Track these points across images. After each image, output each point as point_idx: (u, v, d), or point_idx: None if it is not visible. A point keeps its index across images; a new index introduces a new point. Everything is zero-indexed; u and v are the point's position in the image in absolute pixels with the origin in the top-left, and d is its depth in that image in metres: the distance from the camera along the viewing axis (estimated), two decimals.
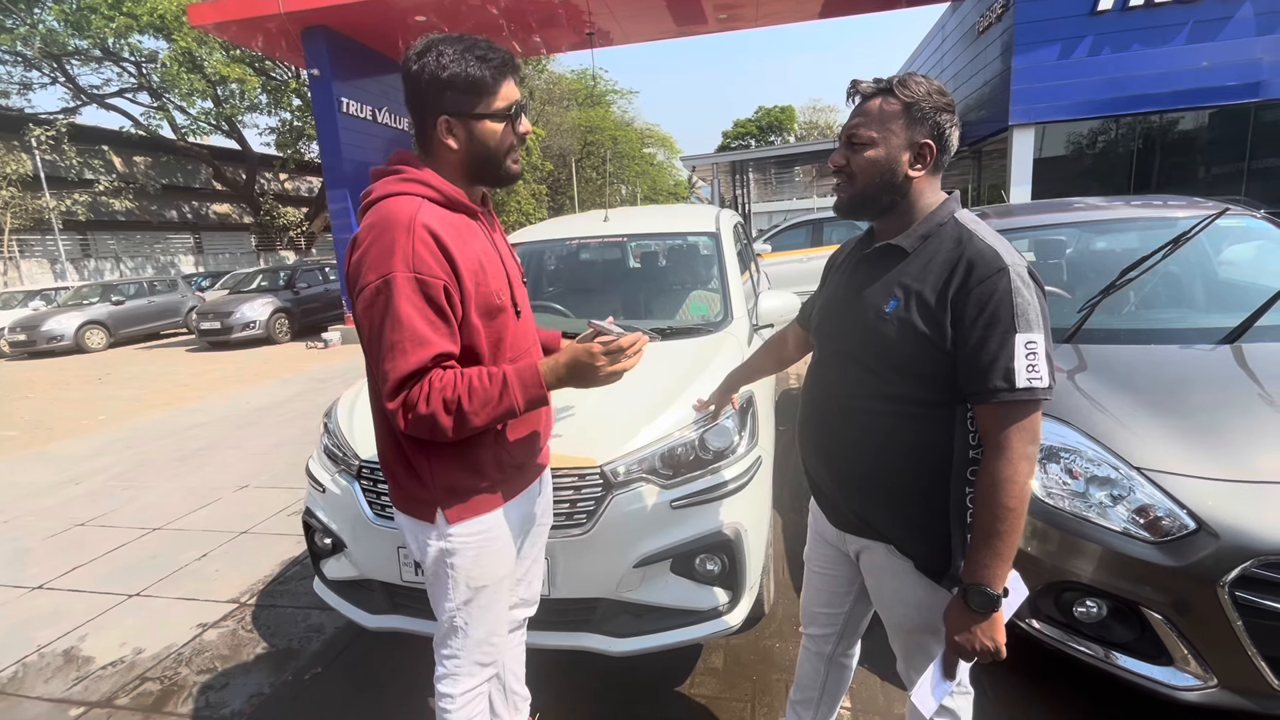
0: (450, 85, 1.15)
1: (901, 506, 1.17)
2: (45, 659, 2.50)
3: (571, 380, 1.20)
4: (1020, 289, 1.03)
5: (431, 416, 1.10)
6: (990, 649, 1.07)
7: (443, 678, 1.36)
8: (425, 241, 1.10)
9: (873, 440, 1.17)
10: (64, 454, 5.53)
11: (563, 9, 10.49)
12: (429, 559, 1.29)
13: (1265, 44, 11.17)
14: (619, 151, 33.27)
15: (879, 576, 1.27)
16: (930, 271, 1.10)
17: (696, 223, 3.35)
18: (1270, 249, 2.73)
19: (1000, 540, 1.03)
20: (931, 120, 1.11)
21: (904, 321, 1.10)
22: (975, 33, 14.07)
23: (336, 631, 2.51)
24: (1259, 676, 1.51)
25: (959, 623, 1.08)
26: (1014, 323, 1.01)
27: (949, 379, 1.08)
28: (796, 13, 11.72)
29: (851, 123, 1.15)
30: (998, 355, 1.01)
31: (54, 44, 16.87)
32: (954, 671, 1.13)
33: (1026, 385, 1.00)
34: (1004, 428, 1.02)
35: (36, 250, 22.83)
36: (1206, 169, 12.58)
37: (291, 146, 19.49)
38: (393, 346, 1.09)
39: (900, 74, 1.13)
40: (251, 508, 3.89)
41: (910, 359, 1.11)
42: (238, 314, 11.89)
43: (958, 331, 1.05)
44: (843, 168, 1.17)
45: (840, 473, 1.26)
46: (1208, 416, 1.79)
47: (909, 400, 1.13)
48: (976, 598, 1.05)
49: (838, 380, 1.24)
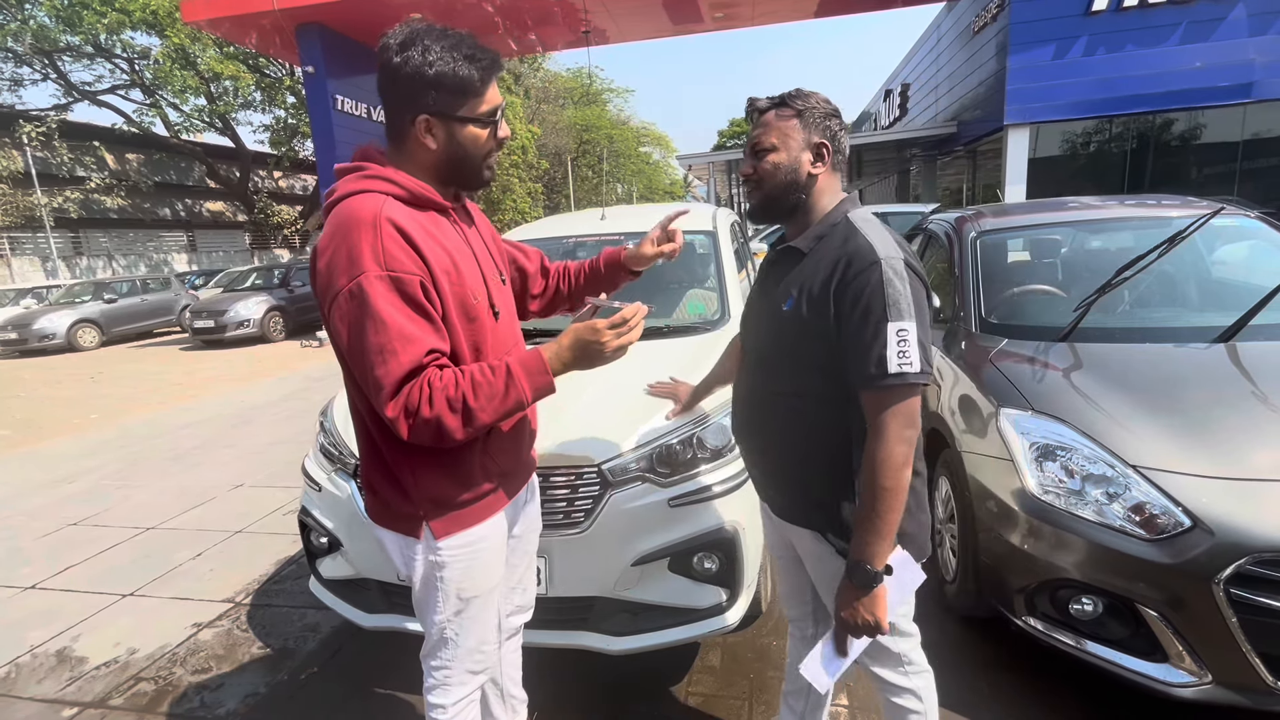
0: (436, 84, 1.08)
1: (817, 496, 1.24)
2: (38, 659, 2.48)
3: (577, 362, 1.15)
4: (892, 280, 1.09)
5: (437, 419, 1.04)
6: (870, 623, 1.12)
7: (433, 688, 1.33)
8: (393, 237, 1.04)
9: (788, 433, 1.26)
10: (56, 453, 5.49)
11: (559, 7, 10.46)
12: (417, 573, 1.24)
13: (1258, 45, 11.24)
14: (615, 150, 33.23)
15: (810, 562, 1.35)
16: (820, 269, 1.17)
17: (693, 221, 3.35)
18: (1264, 248, 2.75)
19: (879, 519, 1.09)
20: (823, 124, 1.22)
21: (798, 317, 1.18)
22: (970, 33, 14.11)
23: (332, 631, 2.50)
24: (1253, 673, 1.52)
25: (843, 599, 1.14)
26: (886, 312, 1.07)
27: (840, 371, 1.15)
28: (792, 11, 11.72)
29: (754, 134, 1.25)
30: (872, 344, 1.07)
31: (45, 40, 16.74)
32: (845, 648, 1.17)
33: (898, 370, 1.05)
34: (881, 412, 1.08)
35: (28, 248, 22.65)
36: (1200, 169, 12.66)
37: (286, 144, 19.42)
38: (380, 350, 1.03)
39: (792, 90, 1.25)
40: (246, 507, 3.87)
41: (805, 351, 1.19)
42: (232, 312, 11.81)
43: (839, 323, 1.12)
44: (750, 175, 1.26)
45: (766, 465, 1.35)
46: (1203, 415, 1.80)
47: (813, 394, 1.21)
48: (857, 574, 1.11)
49: (755, 377, 1.34)
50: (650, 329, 2.63)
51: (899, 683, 1.32)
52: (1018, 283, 2.85)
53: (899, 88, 21.63)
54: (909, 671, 1.32)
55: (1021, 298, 2.76)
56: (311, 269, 1.11)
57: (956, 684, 1.97)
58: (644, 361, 2.33)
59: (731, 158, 20.92)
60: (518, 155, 22.13)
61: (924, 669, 1.34)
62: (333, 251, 1.05)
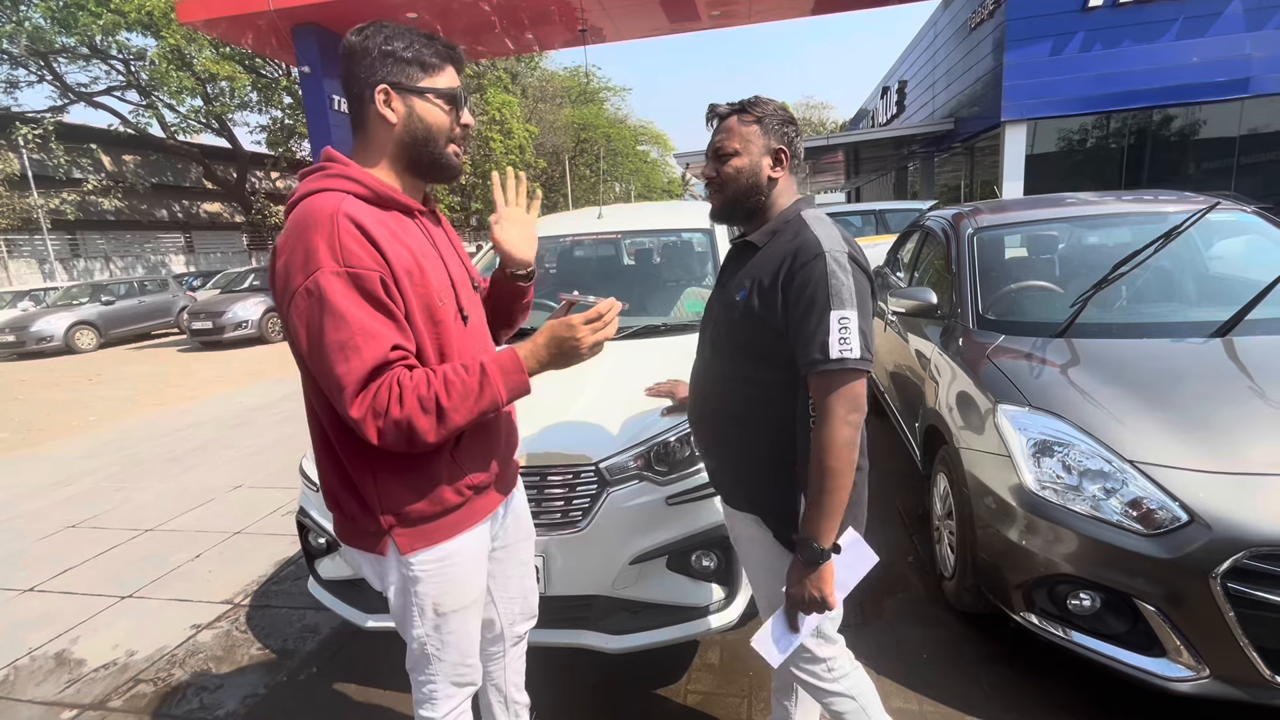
0: (394, 55, 1.08)
1: (760, 482, 1.30)
2: (37, 662, 2.48)
3: (554, 360, 1.12)
4: (835, 271, 1.14)
5: (408, 420, 1.00)
6: (818, 599, 1.17)
7: (421, 702, 1.31)
8: (351, 233, 1.00)
9: (734, 419, 1.31)
10: (55, 455, 5.48)
11: (555, 5, 10.44)
12: (392, 589, 1.21)
13: (1254, 40, 11.25)
14: (612, 149, 33.22)
15: (746, 547, 1.41)
16: (770, 261, 1.23)
17: (690, 219, 3.35)
18: (1260, 243, 2.75)
19: (826, 497, 1.14)
20: (780, 131, 1.28)
21: (749, 307, 1.23)
22: (967, 29, 14.11)
23: (332, 631, 2.50)
24: (1251, 667, 1.52)
25: (792, 575, 1.20)
26: (829, 301, 1.13)
27: (788, 359, 1.19)
28: (789, 9, 11.70)
29: (716, 139, 1.30)
30: (815, 331, 1.13)
31: (41, 41, 16.68)
32: (796, 623, 1.23)
33: (838, 356, 1.11)
34: (826, 396, 1.13)
35: (25, 250, 22.60)
36: (1197, 164, 12.67)
37: (283, 145, 19.37)
38: (341, 347, 0.98)
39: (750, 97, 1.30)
40: (245, 508, 3.87)
41: (755, 341, 1.24)
42: (230, 313, 11.80)
43: (786, 312, 1.18)
44: (713, 179, 1.31)
45: (714, 451, 1.41)
46: (1200, 410, 1.80)
47: (759, 381, 1.26)
48: (805, 551, 1.17)
49: (708, 366, 1.40)
50: (648, 327, 2.63)
51: (825, 687, 1.35)
52: (1015, 279, 2.85)
53: (896, 85, 21.63)
54: (834, 676, 1.34)
55: (1019, 294, 2.76)
56: (270, 269, 1.08)
57: (955, 680, 1.98)
58: (641, 360, 2.33)
59: None
60: (515, 155, 22.11)
61: (847, 671, 1.35)
62: (290, 250, 1.01)
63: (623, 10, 10.91)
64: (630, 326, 2.60)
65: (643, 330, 2.61)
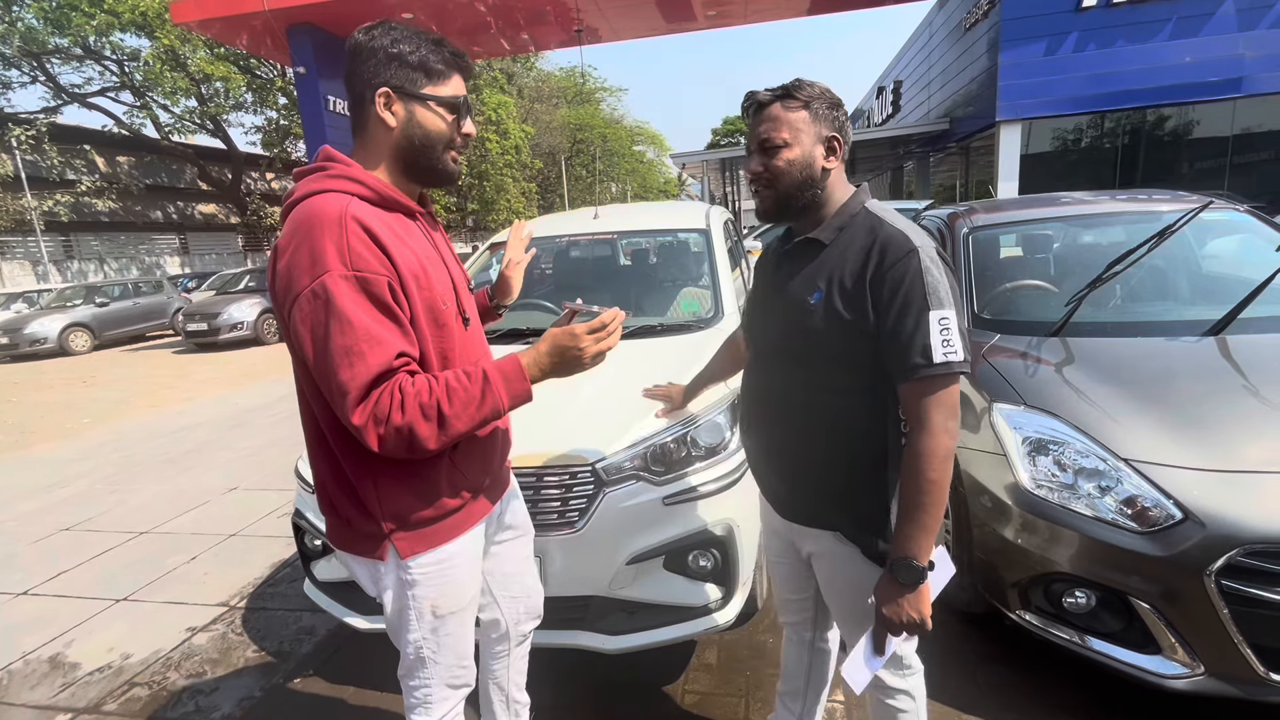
0: (399, 59, 1.06)
1: (844, 494, 1.21)
2: (31, 665, 2.47)
3: (556, 369, 1.11)
4: (930, 268, 1.07)
5: (409, 427, 0.98)
6: (916, 621, 1.10)
7: (414, 708, 1.29)
8: (359, 236, 0.99)
9: (812, 431, 1.21)
10: (49, 458, 5.46)
11: (551, 6, 10.44)
12: (388, 594, 1.19)
13: (1246, 40, 11.30)
14: (609, 149, 33.22)
15: (828, 565, 1.30)
16: (848, 260, 1.14)
17: (687, 219, 3.35)
18: (1253, 242, 2.76)
19: (924, 513, 1.07)
20: (830, 116, 1.17)
21: (831, 311, 1.14)
22: (962, 29, 14.15)
23: (328, 633, 2.49)
24: (1245, 664, 1.53)
25: (887, 597, 1.12)
26: (926, 300, 1.05)
27: (875, 363, 1.12)
28: (785, 9, 11.72)
29: (761, 130, 1.18)
30: (914, 333, 1.05)
31: (33, 42, 16.59)
32: (883, 646, 1.15)
33: (943, 360, 1.04)
34: (924, 403, 1.06)
35: (18, 252, 22.48)
36: (1190, 163, 12.73)
37: (278, 145, 19.30)
38: (346, 352, 0.97)
39: (792, 80, 1.18)
40: (241, 510, 3.86)
41: (838, 346, 1.15)
42: (225, 315, 11.76)
43: (877, 314, 1.09)
44: (760, 174, 1.19)
45: (785, 466, 1.29)
46: (1194, 408, 1.81)
47: (840, 389, 1.17)
48: (903, 571, 1.08)
49: (773, 375, 1.28)
50: (644, 328, 2.63)
51: (895, 684, 1.30)
52: (1010, 278, 2.86)
53: (891, 85, 21.68)
54: (906, 673, 1.30)
55: (1014, 293, 2.77)
56: (270, 270, 1.05)
57: (952, 679, 1.98)
58: (638, 361, 2.33)
59: (725, 156, 20.92)
60: (511, 155, 22.08)
61: (918, 668, 1.32)
62: (293, 251, 0.99)
63: (618, 10, 10.91)
64: (627, 327, 2.59)
65: (639, 330, 2.61)
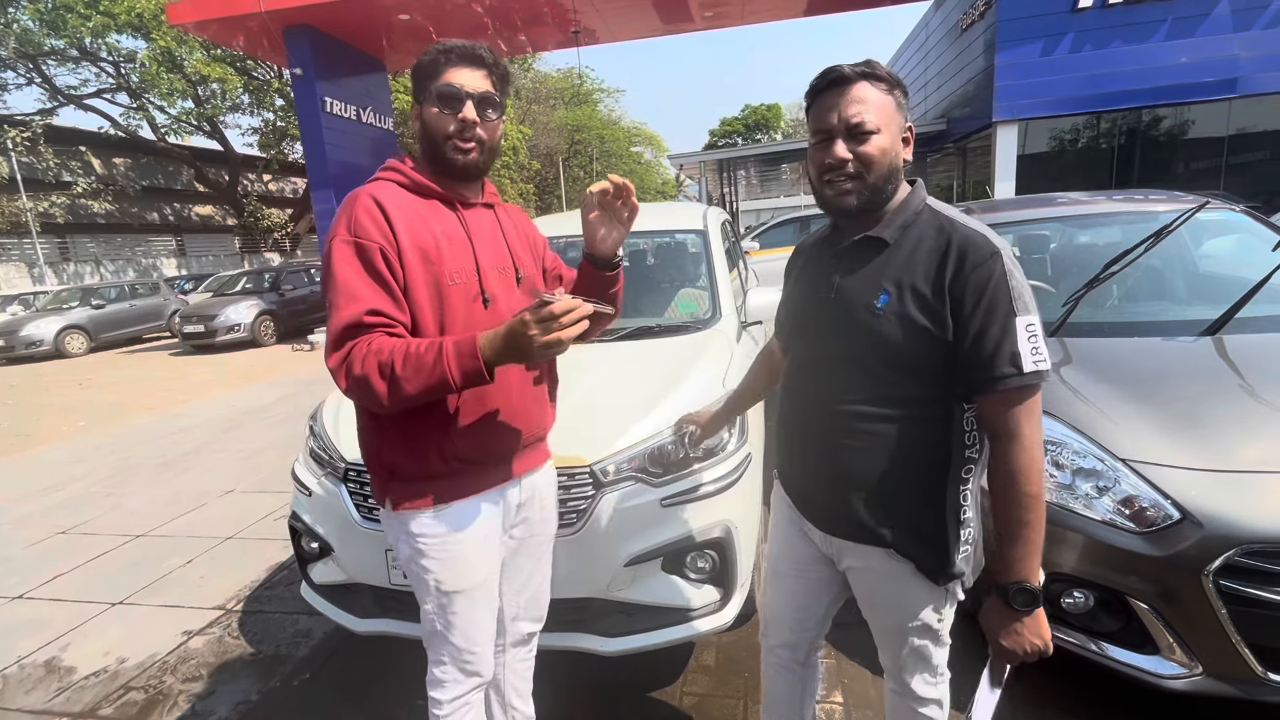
0: (414, 73, 1.25)
1: (903, 510, 1.13)
2: (26, 670, 2.45)
3: (509, 353, 1.09)
4: (1013, 271, 1.01)
5: (365, 378, 1.10)
6: (1040, 647, 1.03)
7: (432, 683, 1.35)
8: (368, 209, 1.16)
9: (871, 443, 1.12)
10: (44, 460, 5.43)
11: (548, 7, 10.44)
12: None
13: (1241, 40, 11.34)
14: (606, 150, 33.24)
15: (875, 581, 1.21)
16: (918, 262, 1.06)
17: (684, 220, 3.35)
18: (1249, 242, 2.77)
19: (1032, 530, 1.01)
20: (907, 105, 1.10)
21: (901, 316, 1.05)
22: (958, 30, 14.17)
23: (325, 636, 2.48)
24: (1243, 663, 1.53)
25: (1003, 625, 1.04)
26: (1013, 306, 0.99)
27: (947, 374, 1.05)
28: (782, 10, 11.75)
29: (850, 111, 1.04)
30: (1001, 341, 0.99)
31: (29, 44, 16.53)
32: (1001, 679, 1.08)
33: (1034, 369, 0.98)
34: (1015, 414, 1.00)
35: (14, 254, 22.41)
36: (1186, 164, 12.76)
37: (275, 147, 19.25)
38: (331, 304, 1.15)
39: (867, 60, 1.08)
40: (237, 512, 3.84)
41: (909, 354, 1.06)
42: (222, 317, 11.74)
43: (957, 321, 1.02)
44: (845, 163, 1.06)
45: (835, 480, 1.18)
46: (1191, 408, 1.81)
47: (907, 400, 1.09)
48: (1019, 596, 1.01)
49: (829, 384, 1.17)
50: (642, 328, 2.63)
51: (928, 694, 1.25)
52: None
53: None
54: (938, 681, 1.26)
55: None
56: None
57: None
58: (636, 361, 2.33)
59: (723, 157, 20.94)
60: (508, 156, 22.07)
61: (947, 675, 1.29)
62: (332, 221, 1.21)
63: (615, 11, 10.92)
64: (624, 327, 2.59)
65: (637, 331, 2.61)
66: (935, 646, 1.22)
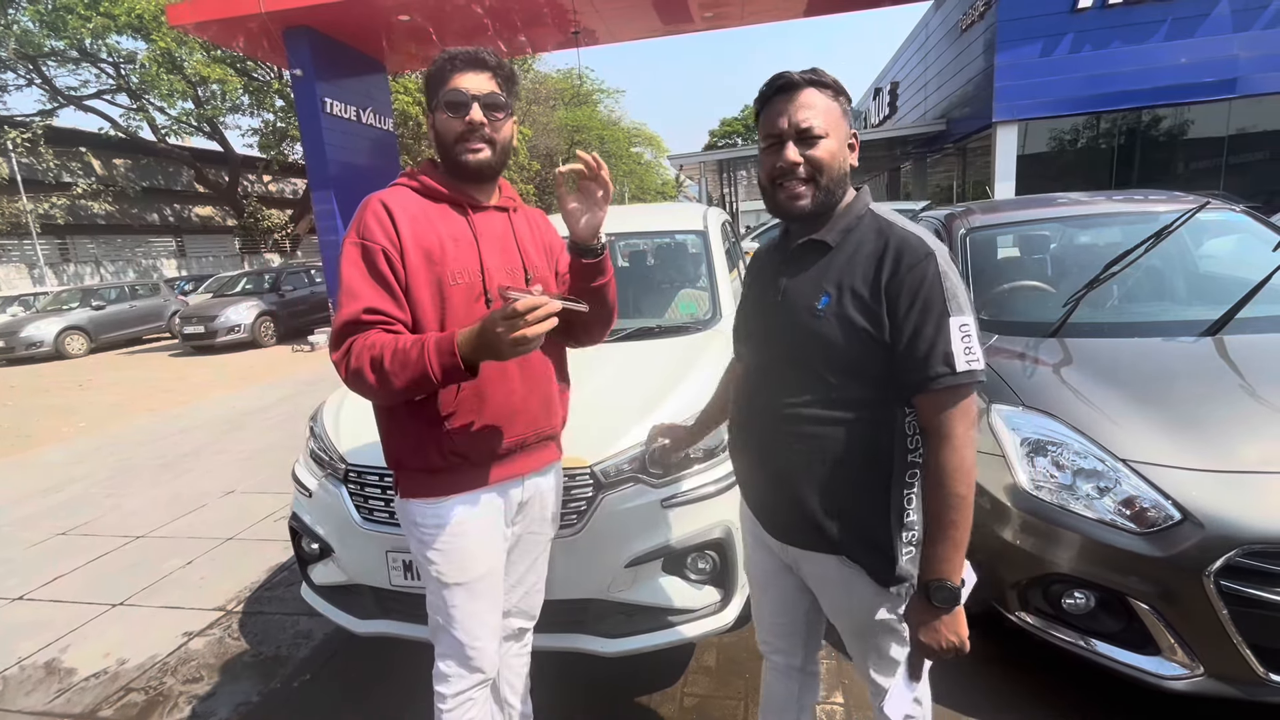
0: (425, 84, 1.30)
1: (848, 514, 1.14)
2: (26, 671, 2.45)
3: (482, 349, 1.10)
4: (947, 273, 1.03)
5: (359, 372, 1.16)
6: (955, 644, 1.05)
7: (437, 677, 1.37)
8: (376, 213, 1.23)
9: (817, 447, 1.13)
10: (44, 461, 5.43)
11: (548, 8, 10.44)
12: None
13: (1241, 40, 11.34)
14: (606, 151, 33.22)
15: (829, 587, 1.22)
16: (858, 264, 1.08)
17: (684, 221, 3.35)
18: (1249, 242, 2.77)
19: (956, 529, 1.03)
20: (852, 112, 1.14)
21: (841, 317, 1.07)
22: (958, 31, 14.18)
23: (325, 638, 2.48)
24: (1245, 664, 1.53)
25: (922, 621, 1.06)
26: (946, 306, 1.01)
27: (887, 376, 1.07)
28: (782, 10, 11.75)
29: (799, 117, 1.07)
30: (935, 341, 1.01)
31: (29, 45, 16.52)
32: (919, 672, 1.12)
33: (967, 368, 1.00)
34: (948, 415, 1.02)
35: (14, 255, 22.40)
36: (1186, 164, 12.76)
37: (275, 148, 19.24)
38: (336, 304, 1.24)
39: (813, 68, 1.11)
40: (238, 513, 3.84)
41: (849, 355, 1.08)
42: (222, 317, 11.74)
43: (893, 321, 1.04)
44: (796, 166, 1.08)
45: (786, 485, 1.18)
46: (1192, 408, 1.81)
47: (849, 402, 1.10)
48: (939, 593, 1.03)
49: (774, 388, 1.18)
50: (642, 329, 2.63)
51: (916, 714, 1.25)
52: (1007, 279, 2.87)
53: (888, 86, 21.71)
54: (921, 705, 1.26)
55: (1011, 294, 2.77)
56: None
57: (951, 681, 1.98)
58: (636, 362, 2.33)
59: (723, 157, 20.93)
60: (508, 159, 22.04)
61: (928, 694, 1.29)
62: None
63: (615, 12, 10.93)
64: (625, 329, 2.59)
65: (637, 332, 2.61)
66: (900, 646, 1.21)
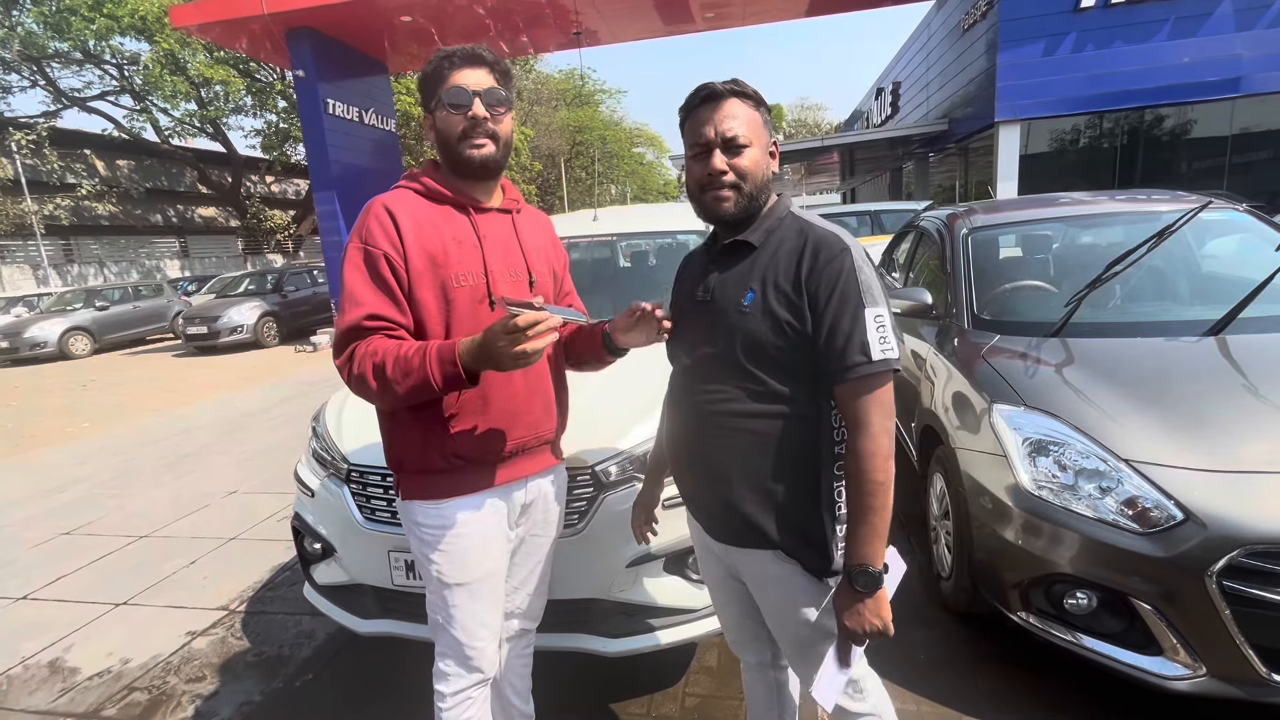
0: (422, 85, 1.29)
1: (784, 508, 1.15)
2: (30, 670, 2.46)
3: (484, 360, 1.11)
4: (862, 267, 1.07)
5: (362, 378, 1.17)
6: (879, 628, 1.08)
7: (437, 676, 1.38)
8: (379, 218, 1.22)
9: (748, 443, 1.15)
10: (48, 462, 5.45)
11: (550, 9, 10.45)
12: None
13: (1244, 40, 11.31)
14: (608, 151, 33.26)
15: (765, 585, 1.22)
16: (780, 261, 1.13)
17: (686, 221, 3.35)
18: (1252, 241, 2.76)
19: (875, 515, 1.05)
20: (772, 123, 1.19)
21: (765, 311, 1.11)
22: (960, 30, 14.16)
23: (328, 637, 2.49)
24: (1247, 664, 1.53)
25: (846, 606, 1.09)
26: (861, 298, 1.05)
27: (810, 368, 1.10)
28: (783, 11, 11.74)
29: (725, 126, 1.12)
30: (852, 332, 1.05)
31: (33, 46, 16.61)
32: (848, 659, 1.13)
33: (883, 357, 1.03)
34: (863, 403, 1.05)
35: (18, 256, 22.49)
36: (1189, 163, 12.73)
37: (277, 149, 19.29)
38: (340, 307, 1.24)
39: (734, 79, 1.16)
40: (240, 513, 3.85)
41: (774, 349, 1.11)
42: (225, 318, 11.77)
43: (813, 313, 1.08)
44: (723, 174, 1.13)
45: (719, 483, 1.19)
46: (1194, 408, 1.81)
47: (776, 397, 1.12)
48: (860, 578, 1.06)
49: (704, 387, 1.20)
50: None
51: (858, 709, 1.23)
52: (1009, 279, 2.86)
53: (890, 86, 21.69)
54: (864, 695, 1.23)
55: (1013, 294, 2.76)
56: None
57: (953, 681, 1.98)
58: (636, 362, 2.32)
59: None
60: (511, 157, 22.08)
61: (875, 686, 1.25)
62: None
63: (617, 12, 10.93)
64: None
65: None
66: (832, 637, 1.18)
